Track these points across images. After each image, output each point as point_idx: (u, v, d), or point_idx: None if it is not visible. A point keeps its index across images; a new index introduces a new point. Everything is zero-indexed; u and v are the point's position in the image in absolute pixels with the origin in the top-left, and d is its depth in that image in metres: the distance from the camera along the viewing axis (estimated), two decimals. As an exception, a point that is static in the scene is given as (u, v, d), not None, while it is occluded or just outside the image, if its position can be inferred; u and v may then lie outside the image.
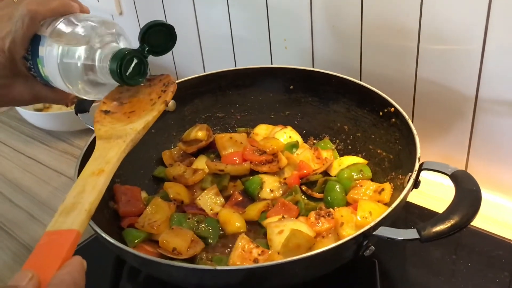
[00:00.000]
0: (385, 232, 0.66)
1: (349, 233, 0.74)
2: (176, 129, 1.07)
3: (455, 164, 0.73)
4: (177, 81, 1.05)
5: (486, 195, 0.67)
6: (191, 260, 0.78)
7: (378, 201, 0.82)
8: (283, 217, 0.82)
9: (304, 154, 0.97)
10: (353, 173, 0.92)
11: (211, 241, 0.83)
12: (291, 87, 1.06)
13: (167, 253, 0.76)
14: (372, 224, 0.66)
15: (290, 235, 0.74)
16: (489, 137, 0.94)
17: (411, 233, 0.64)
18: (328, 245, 0.73)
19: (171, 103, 1.05)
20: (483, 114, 0.92)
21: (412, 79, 0.98)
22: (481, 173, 0.98)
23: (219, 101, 1.09)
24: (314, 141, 1.05)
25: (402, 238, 0.65)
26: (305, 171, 0.93)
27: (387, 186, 0.84)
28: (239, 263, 0.73)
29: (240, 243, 0.76)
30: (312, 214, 0.81)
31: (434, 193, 0.98)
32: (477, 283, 0.80)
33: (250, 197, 0.93)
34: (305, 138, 1.05)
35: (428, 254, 0.85)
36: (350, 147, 1.00)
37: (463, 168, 1.00)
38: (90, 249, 0.88)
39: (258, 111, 1.09)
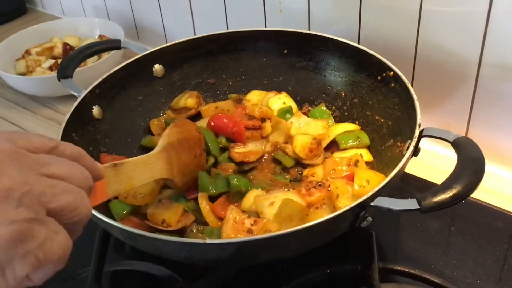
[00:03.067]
0: (383, 202, 0.62)
1: (345, 204, 0.70)
2: (165, 96, 1.02)
3: (454, 133, 0.69)
4: (165, 45, 1.00)
5: (487, 166, 0.64)
6: (181, 232, 0.75)
7: None
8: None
9: (300, 140, 0.90)
10: (350, 140, 0.88)
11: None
12: (285, 51, 1.01)
13: (156, 225, 0.73)
14: (369, 194, 0.62)
15: (283, 204, 0.71)
16: (491, 104, 0.90)
17: (411, 203, 0.61)
18: (323, 216, 0.70)
19: (159, 68, 1.01)
20: (485, 80, 0.88)
21: (413, 43, 0.93)
22: (481, 142, 0.91)
23: (210, 66, 1.04)
24: (310, 108, 1.01)
25: (401, 208, 0.61)
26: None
27: (364, 152, 0.83)
28: (233, 235, 0.70)
29: (231, 215, 0.72)
30: (303, 186, 0.78)
31: (432, 163, 0.95)
32: (476, 256, 0.77)
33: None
34: (300, 105, 1.01)
35: (425, 226, 0.83)
36: (346, 113, 0.96)
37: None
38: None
39: (250, 76, 1.04)
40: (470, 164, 0.64)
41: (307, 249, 0.68)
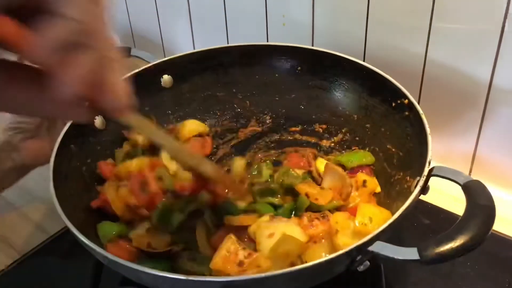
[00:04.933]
0: (382, 248, 0.58)
1: (344, 242, 0.67)
2: (172, 108, 0.99)
3: (461, 156, 0.65)
4: (176, 55, 0.98)
5: (493, 190, 0.62)
6: (172, 256, 0.72)
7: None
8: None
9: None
10: (355, 159, 0.86)
11: None
12: (299, 68, 0.97)
13: (141, 247, 0.70)
14: (368, 237, 0.58)
15: (281, 240, 0.67)
16: (501, 129, 0.87)
17: (411, 253, 0.57)
18: (319, 252, 0.68)
19: (168, 79, 0.99)
20: (496, 104, 0.84)
21: (421, 61, 0.90)
22: (488, 166, 0.91)
23: (221, 79, 1.00)
24: (321, 127, 0.96)
25: (401, 258, 0.57)
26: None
27: (373, 182, 0.80)
28: (221, 266, 0.66)
29: (226, 244, 0.69)
30: (306, 216, 0.74)
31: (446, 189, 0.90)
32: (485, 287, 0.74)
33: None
34: (310, 125, 0.97)
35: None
36: (357, 138, 0.91)
37: (470, 161, 0.93)
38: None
39: (261, 92, 1.00)
40: (479, 212, 0.59)
41: (299, 289, 0.64)
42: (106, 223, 0.75)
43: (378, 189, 0.82)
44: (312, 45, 1.03)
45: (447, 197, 0.88)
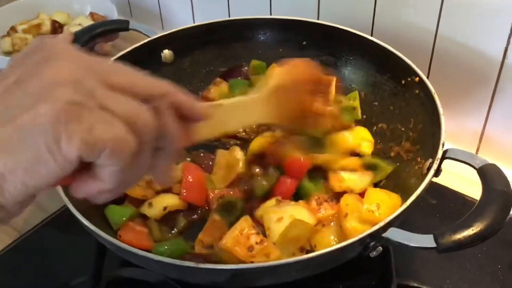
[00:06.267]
0: (396, 235, 0.57)
1: (353, 225, 0.65)
2: (173, 83, 0.96)
3: (469, 134, 0.63)
4: (176, 29, 0.94)
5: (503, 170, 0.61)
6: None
7: None
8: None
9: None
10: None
11: None
12: (304, 42, 0.94)
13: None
14: (381, 224, 0.57)
15: (291, 225, 0.65)
16: (511, 108, 0.85)
17: (427, 240, 0.56)
18: (328, 236, 0.67)
19: (169, 54, 0.95)
20: (508, 82, 0.82)
21: (431, 36, 0.87)
22: (497, 145, 0.90)
23: (223, 54, 0.97)
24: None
25: (416, 245, 0.56)
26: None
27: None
28: (230, 246, 0.64)
29: (240, 225, 0.66)
30: (314, 199, 0.72)
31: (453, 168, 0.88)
32: (492, 270, 0.73)
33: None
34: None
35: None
36: (365, 116, 0.89)
37: (478, 139, 0.91)
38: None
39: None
40: (497, 198, 0.58)
41: (310, 275, 0.63)
42: (114, 208, 0.72)
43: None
44: (318, 18, 1.00)
45: (455, 176, 0.86)
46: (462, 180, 0.86)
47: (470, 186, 0.85)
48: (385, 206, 0.65)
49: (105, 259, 0.76)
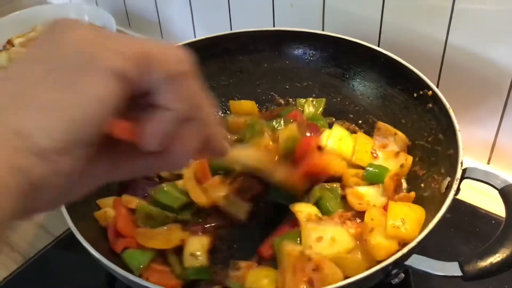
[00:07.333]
0: (419, 263, 0.55)
1: (379, 241, 0.62)
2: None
3: (480, 144, 0.61)
4: (180, 44, 0.91)
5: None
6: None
7: None
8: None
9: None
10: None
11: None
12: (310, 54, 0.92)
13: None
14: (405, 251, 0.55)
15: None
16: None
17: (451, 268, 0.54)
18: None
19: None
20: None
21: (441, 45, 0.85)
22: (509, 155, 0.88)
23: (228, 67, 0.95)
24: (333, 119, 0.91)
25: (441, 274, 0.54)
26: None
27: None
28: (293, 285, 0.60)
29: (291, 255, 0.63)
30: (336, 215, 0.69)
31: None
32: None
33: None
34: (323, 115, 0.92)
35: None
36: (375, 130, 0.87)
37: (490, 149, 0.90)
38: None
39: (271, 80, 0.95)
40: (522, 221, 0.56)
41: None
42: (134, 253, 0.68)
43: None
44: (323, 29, 0.98)
45: (469, 188, 0.84)
46: (479, 193, 0.84)
47: (483, 198, 0.83)
48: (410, 220, 0.63)
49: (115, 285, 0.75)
